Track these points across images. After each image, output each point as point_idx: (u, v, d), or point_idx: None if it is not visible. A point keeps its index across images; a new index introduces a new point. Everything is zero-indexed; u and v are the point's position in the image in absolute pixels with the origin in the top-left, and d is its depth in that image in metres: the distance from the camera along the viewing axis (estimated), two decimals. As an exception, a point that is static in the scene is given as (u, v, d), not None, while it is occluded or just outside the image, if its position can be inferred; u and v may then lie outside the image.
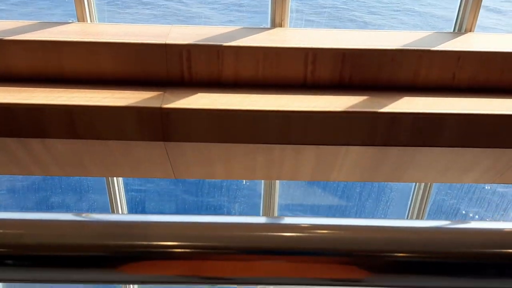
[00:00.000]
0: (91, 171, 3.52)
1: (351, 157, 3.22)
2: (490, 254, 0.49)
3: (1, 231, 0.49)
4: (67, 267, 0.49)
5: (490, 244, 0.49)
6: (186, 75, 3.04)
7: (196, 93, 2.97)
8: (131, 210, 4.80)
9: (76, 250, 0.49)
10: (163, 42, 2.95)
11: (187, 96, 2.94)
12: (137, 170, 3.54)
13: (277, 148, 3.13)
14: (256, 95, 2.99)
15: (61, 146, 3.10)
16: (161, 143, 2.99)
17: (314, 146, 3.04)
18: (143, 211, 6.69)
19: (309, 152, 3.19)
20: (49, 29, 3.09)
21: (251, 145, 3.03)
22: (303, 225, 0.50)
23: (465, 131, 2.92)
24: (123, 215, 0.55)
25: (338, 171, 3.41)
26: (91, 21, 3.26)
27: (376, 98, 2.97)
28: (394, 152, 3.15)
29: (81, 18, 3.22)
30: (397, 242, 0.49)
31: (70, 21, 3.23)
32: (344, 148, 3.07)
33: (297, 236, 0.49)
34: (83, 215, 0.53)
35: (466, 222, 0.52)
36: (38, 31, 3.06)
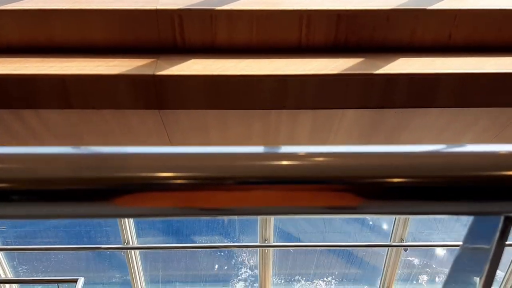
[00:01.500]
0: (87, 141, 3.51)
1: (348, 120, 3.21)
2: (494, 176, 0.48)
3: None
4: (58, 201, 0.49)
5: (493, 166, 0.49)
6: (178, 40, 2.99)
7: (190, 59, 2.94)
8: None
9: (68, 183, 0.48)
10: (154, 7, 2.89)
11: (180, 63, 2.91)
12: (132, 139, 3.53)
13: (273, 113, 3.12)
14: (251, 59, 2.95)
15: (55, 116, 3.08)
16: (156, 111, 2.97)
17: (311, 110, 3.03)
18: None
19: (306, 117, 3.18)
20: (37, -3, 3.03)
21: (246, 111, 3.02)
22: (299, 153, 0.49)
23: (462, 91, 2.91)
24: (116, 147, 0.54)
25: (335, 134, 3.41)
26: (80, -12, 3.19)
27: (371, 60, 2.94)
28: (390, 114, 3.14)
29: (69, -15, 3.15)
30: (392, 167, 0.48)
31: (59, -12, 3.16)
32: (340, 111, 3.05)
33: (293, 164, 0.48)
34: (75, 147, 0.52)
35: (463, 146, 0.51)
36: (27, 0, 3.00)
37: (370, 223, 5.93)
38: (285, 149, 0.50)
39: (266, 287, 5.34)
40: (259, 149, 0.51)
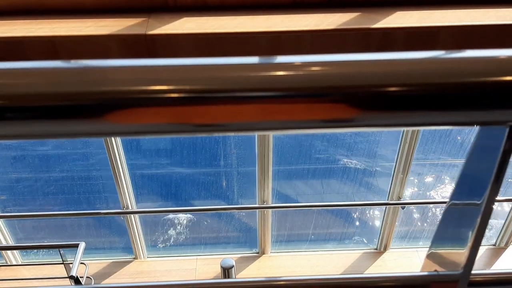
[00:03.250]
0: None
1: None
2: (495, 82, 0.45)
3: None
4: (47, 118, 0.46)
5: (499, 71, 0.46)
6: (170, -2, 2.91)
7: (182, 17, 2.87)
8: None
9: (56, 99, 0.45)
10: (143, -36, 2.80)
11: (172, 21, 2.84)
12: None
13: (268, 71, 3.07)
14: (244, 16, 2.88)
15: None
16: (150, 71, 2.92)
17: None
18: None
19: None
20: (21, -45, 2.92)
21: (241, 69, 2.97)
22: (295, 63, 0.46)
23: (461, 43, 2.85)
24: (107, 60, 0.51)
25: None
26: None
27: (368, 14, 2.87)
28: (387, 70, 3.09)
29: None
30: (389, 75, 0.45)
31: None
32: (336, 68, 3.01)
33: (287, 74, 0.45)
34: (65, 61, 0.48)
35: (464, 51, 0.48)
36: (11, -41, 2.90)
37: (363, 181, 5.96)
38: (279, 59, 0.47)
39: (265, 248, 5.40)
40: (250, 60, 0.48)
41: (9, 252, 5.16)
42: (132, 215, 5.05)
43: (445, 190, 6.02)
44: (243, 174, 5.60)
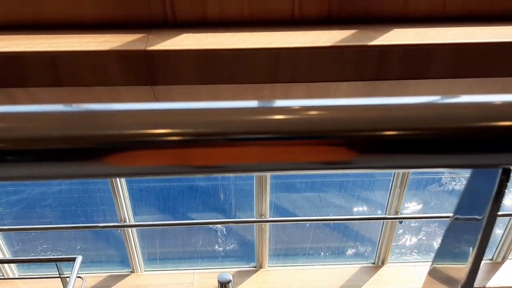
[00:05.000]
0: (79, 119, 3.48)
1: (342, 93, 3.19)
2: (492, 127, 0.47)
3: None
4: (49, 161, 0.46)
5: (491, 117, 0.47)
6: (169, 15, 2.94)
7: (181, 33, 2.89)
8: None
9: (58, 142, 0.46)
10: (144, -19, 2.83)
11: (172, 37, 2.86)
12: (126, 116, 3.50)
13: (266, 87, 3.09)
14: (243, 33, 2.91)
15: (46, 94, 3.04)
16: (149, 87, 2.94)
17: (304, 83, 3.00)
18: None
19: (300, 90, 3.15)
20: (23, -28, 2.95)
21: (240, 85, 2.99)
22: (293, 107, 0.47)
23: (456, 61, 2.88)
24: (107, 104, 0.52)
25: (329, 108, 3.39)
26: (66, -38, 3.11)
27: (365, 31, 2.90)
28: (385, 86, 3.11)
29: (56, -40, 3.07)
30: (387, 120, 0.47)
31: (45, -37, 3.08)
32: (334, 84, 3.03)
33: (287, 118, 0.47)
34: (65, 105, 0.50)
35: (458, 96, 0.49)
36: (12, -25, 2.93)
37: (360, 195, 5.97)
38: (279, 103, 0.48)
39: (263, 262, 5.39)
40: (252, 103, 0.49)
41: (5, 265, 5.13)
42: (129, 228, 5.04)
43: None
44: (240, 187, 5.61)
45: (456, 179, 6.27)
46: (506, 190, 0.54)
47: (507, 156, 0.49)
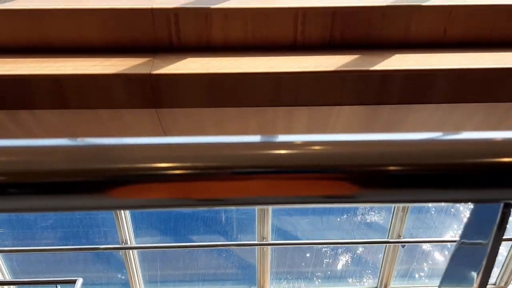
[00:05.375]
0: (83, 141, 3.50)
1: (344, 117, 3.21)
2: (494, 163, 0.48)
3: None
4: (53, 194, 0.48)
5: (493, 153, 0.49)
6: (174, 39, 2.99)
7: (186, 57, 2.94)
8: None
9: (63, 176, 0.48)
10: (150, 6, 2.89)
11: (177, 61, 2.91)
12: (130, 138, 3.52)
13: (269, 111, 3.12)
14: (246, 57, 2.96)
15: (51, 117, 3.07)
16: (153, 110, 2.97)
17: (306, 107, 3.03)
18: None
19: (302, 113, 3.18)
20: (31, -3, 3.02)
21: (243, 109, 3.02)
22: (295, 142, 0.49)
23: (457, 86, 2.91)
24: (111, 138, 0.53)
25: (331, 131, 3.41)
26: (74, -12, 3.18)
27: (367, 56, 2.94)
28: (386, 110, 3.14)
29: (64, -15, 3.14)
30: (389, 155, 0.48)
31: (53, -12, 3.15)
32: (336, 108, 3.06)
33: (289, 153, 0.48)
34: (70, 139, 0.51)
35: (459, 133, 0.51)
36: (21, 0, 2.99)
37: (362, 219, 5.94)
38: (281, 138, 0.50)
39: (264, 286, 5.34)
40: (255, 138, 0.50)
41: (5, 286, 5.10)
42: (130, 251, 5.01)
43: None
44: (242, 210, 5.59)
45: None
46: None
47: (508, 191, 0.50)
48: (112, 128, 3.35)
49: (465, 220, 0.61)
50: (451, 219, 6.20)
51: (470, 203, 0.53)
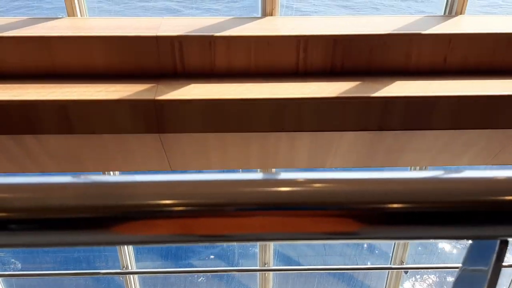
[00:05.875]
0: (86, 166, 3.53)
1: (346, 143, 3.24)
2: (491, 201, 0.50)
3: None
4: (58, 229, 0.49)
5: (490, 191, 0.51)
6: (178, 66, 3.04)
7: (190, 83, 2.98)
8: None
9: (67, 212, 0.49)
10: (155, 34, 2.94)
11: (181, 87, 2.94)
12: (132, 163, 3.55)
13: (272, 136, 3.14)
14: (249, 83, 3.00)
15: (55, 141, 3.10)
16: (156, 135, 3.00)
17: (309, 132, 3.05)
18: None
19: (304, 139, 3.21)
20: (39, 24, 3.08)
21: (246, 134, 3.04)
22: (298, 179, 0.51)
23: (458, 113, 2.94)
24: (114, 176, 0.55)
25: (333, 157, 3.43)
26: (81, 16, 3.25)
27: (368, 83, 2.98)
28: (388, 136, 3.17)
29: (71, 13, 3.21)
30: (390, 193, 0.50)
31: (60, 16, 3.22)
32: (338, 134, 3.08)
33: (292, 190, 0.50)
34: (72, 177, 0.53)
35: (458, 171, 0.53)
36: (29, 27, 3.05)
37: (365, 246, 5.91)
38: (284, 175, 0.51)
39: (266, 312, 5.28)
40: (257, 175, 0.52)
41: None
42: (131, 275, 4.98)
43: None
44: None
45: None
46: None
47: (504, 228, 0.52)
48: (115, 152, 3.37)
49: (467, 245, 0.63)
50: (453, 245, 6.16)
51: (468, 240, 0.55)
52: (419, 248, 5.89)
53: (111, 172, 4.11)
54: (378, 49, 3.03)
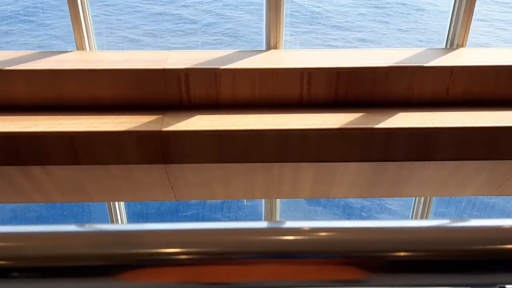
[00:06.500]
0: (92, 196, 3.55)
1: (350, 173, 3.25)
2: (490, 250, 0.53)
3: (0, 244, 0.52)
4: (66, 277, 0.51)
5: (489, 240, 0.53)
6: (184, 98, 3.09)
7: (195, 115, 3.02)
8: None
9: (75, 260, 0.51)
10: (162, 67, 3.01)
11: (186, 119, 2.99)
12: (138, 193, 3.57)
13: (276, 167, 3.17)
14: (254, 115, 3.04)
15: (62, 172, 3.13)
16: (162, 165, 3.02)
17: (312, 163, 3.08)
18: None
19: (308, 170, 3.22)
20: (49, 58, 3.15)
21: (250, 164, 3.07)
22: (303, 228, 0.53)
23: (461, 144, 2.96)
24: (121, 224, 0.57)
25: (337, 187, 3.44)
26: (90, 49, 3.33)
27: (371, 115, 3.02)
28: (391, 167, 3.18)
29: (80, 47, 3.29)
30: (397, 242, 0.52)
31: (70, 49, 3.29)
32: (342, 164, 3.10)
33: (297, 239, 0.52)
34: (80, 225, 0.55)
35: (466, 220, 0.55)
36: (38, 60, 3.12)
37: None
38: (289, 224, 0.53)
39: None
40: (263, 224, 0.54)
41: None
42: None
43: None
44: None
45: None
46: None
47: (503, 275, 0.54)
48: (120, 183, 3.40)
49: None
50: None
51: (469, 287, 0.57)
52: None
53: (117, 203, 4.13)
54: (380, 81, 3.08)
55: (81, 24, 3.22)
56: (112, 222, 4.25)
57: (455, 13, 3.30)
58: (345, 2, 8.80)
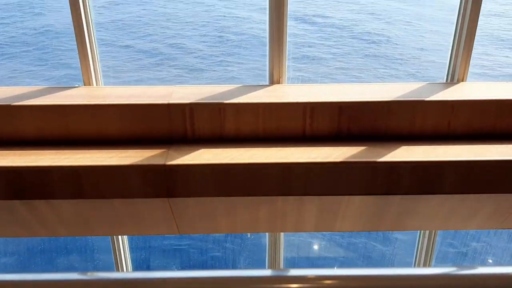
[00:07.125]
0: (96, 230, 3.55)
1: (353, 207, 3.25)
2: None
3: None
4: None
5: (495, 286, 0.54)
6: (189, 132, 3.12)
7: (199, 148, 3.05)
8: (136, 269, 4.77)
9: None
10: (167, 102, 3.06)
11: (191, 152, 3.02)
12: (141, 227, 3.56)
13: (279, 200, 3.17)
14: (257, 148, 3.06)
15: (66, 206, 3.14)
16: (165, 199, 3.03)
17: (316, 196, 3.08)
18: (148, 269, 6.62)
19: (312, 203, 3.23)
20: (56, 93, 3.21)
21: (253, 198, 3.07)
22: (307, 276, 0.54)
23: (464, 178, 2.97)
24: (126, 273, 0.57)
25: (341, 220, 3.43)
26: (96, 85, 3.39)
27: (374, 148, 3.04)
28: (395, 200, 3.18)
29: (87, 82, 3.35)
30: None
31: (77, 85, 3.36)
32: (345, 197, 3.10)
33: (302, 287, 0.53)
34: (87, 273, 0.57)
35: (473, 268, 0.57)
36: (46, 96, 3.18)
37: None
38: (294, 272, 0.54)
39: None
40: (267, 272, 0.56)
41: None
42: None
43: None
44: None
45: None
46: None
47: None
48: (124, 216, 3.40)
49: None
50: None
51: None
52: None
53: (120, 237, 4.12)
54: (382, 115, 3.11)
55: (89, 62, 3.29)
56: (115, 254, 4.22)
57: (454, 48, 3.36)
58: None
